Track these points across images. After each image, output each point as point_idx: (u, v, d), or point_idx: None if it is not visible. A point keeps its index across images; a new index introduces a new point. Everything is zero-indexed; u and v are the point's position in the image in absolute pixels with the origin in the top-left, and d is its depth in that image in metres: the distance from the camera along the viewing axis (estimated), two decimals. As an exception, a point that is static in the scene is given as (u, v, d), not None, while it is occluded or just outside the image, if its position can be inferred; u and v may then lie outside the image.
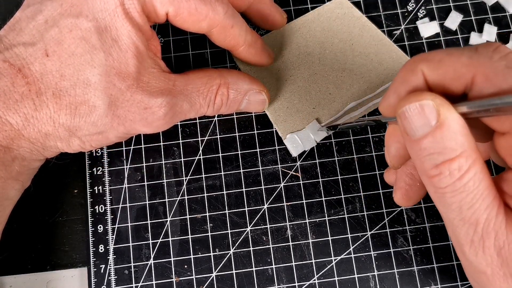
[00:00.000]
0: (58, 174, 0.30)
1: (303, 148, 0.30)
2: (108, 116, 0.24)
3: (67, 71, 0.23)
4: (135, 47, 0.24)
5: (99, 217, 0.29)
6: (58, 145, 0.25)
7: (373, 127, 0.31)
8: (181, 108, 0.26)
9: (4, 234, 0.26)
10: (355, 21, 0.32)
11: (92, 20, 0.23)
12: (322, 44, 0.32)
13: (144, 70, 0.25)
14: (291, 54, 0.32)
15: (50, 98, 0.23)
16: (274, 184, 0.30)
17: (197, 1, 0.24)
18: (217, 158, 0.30)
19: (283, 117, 0.30)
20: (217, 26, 0.26)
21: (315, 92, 0.31)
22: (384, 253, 0.29)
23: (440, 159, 0.18)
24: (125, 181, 0.30)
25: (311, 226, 0.29)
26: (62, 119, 0.23)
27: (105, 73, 0.23)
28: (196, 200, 0.30)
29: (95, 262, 0.29)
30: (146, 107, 0.25)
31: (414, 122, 0.18)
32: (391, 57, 0.31)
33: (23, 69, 0.23)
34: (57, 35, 0.23)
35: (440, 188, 0.18)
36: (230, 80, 0.27)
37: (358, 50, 0.32)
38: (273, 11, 0.31)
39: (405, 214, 0.29)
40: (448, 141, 0.17)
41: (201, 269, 0.28)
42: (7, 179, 0.24)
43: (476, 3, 0.33)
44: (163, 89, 0.25)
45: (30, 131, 0.23)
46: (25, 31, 0.23)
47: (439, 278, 0.28)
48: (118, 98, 0.24)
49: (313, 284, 0.28)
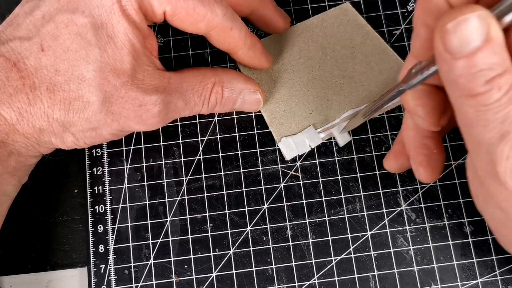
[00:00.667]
0: (58, 174, 0.30)
1: (297, 152, 0.30)
2: (102, 112, 0.24)
3: (62, 66, 0.23)
4: (131, 45, 0.24)
5: (99, 217, 0.29)
6: (53, 141, 0.25)
7: (373, 127, 0.31)
8: (176, 106, 0.26)
9: (4, 234, 0.26)
10: (359, 28, 0.32)
11: (88, 16, 0.23)
12: (324, 50, 0.32)
13: (139, 67, 0.25)
14: (292, 58, 0.32)
15: (44, 93, 0.23)
16: (274, 184, 0.30)
17: (195, 2, 0.24)
18: (217, 158, 0.30)
19: (279, 119, 0.30)
20: (216, 28, 0.26)
21: (313, 97, 0.31)
22: (384, 253, 0.29)
23: (492, 74, 0.17)
24: (125, 181, 0.30)
25: (311, 226, 0.29)
26: (56, 114, 0.23)
27: (100, 69, 0.23)
28: (196, 200, 0.30)
29: (95, 262, 0.29)
30: (141, 104, 0.25)
31: (462, 37, 0.17)
32: (392, 68, 0.31)
33: (18, 63, 0.23)
34: (53, 30, 0.23)
35: (486, 105, 0.17)
36: (225, 79, 0.28)
37: (360, 58, 0.31)
38: (277, 16, 0.30)
39: (405, 214, 0.29)
40: (498, 56, 0.17)
41: (201, 269, 0.28)
42: (4, 174, 0.24)
43: (476, 3, 0.33)
44: (157, 87, 0.25)
45: (24, 126, 0.23)
46: (22, 26, 0.23)
47: (439, 278, 0.28)
48: (113, 94, 0.24)
49: (313, 284, 0.28)
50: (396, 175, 0.30)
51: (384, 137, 0.30)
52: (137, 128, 0.26)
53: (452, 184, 0.30)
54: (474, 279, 0.28)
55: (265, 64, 0.30)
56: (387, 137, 0.30)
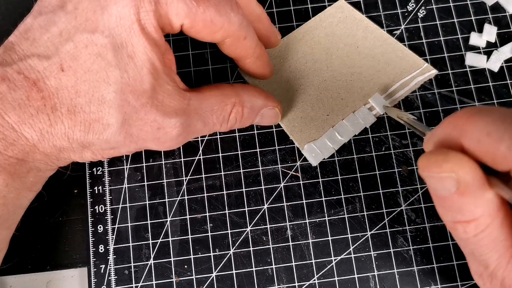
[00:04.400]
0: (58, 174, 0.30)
1: (323, 156, 0.30)
2: (121, 134, 0.24)
3: (83, 87, 0.23)
4: (151, 64, 0.23)
5: (99, 217, 0.29)
6: (71, 157, 0.25)
7: (373, 127, 0.31)
8: (195, 128, 0.26)
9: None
10: (357, 23, 0.32)
11: (108, 37, 0.22)
12: (328, 50, 0.32)
13: (159, 87, 0.24)
14: (299, 63, 0.32)
15: (65, 114, 0.23)
16: (274, 184, 0.30)
17: (212, 13, 0.24)
18: (217, 158, 0.30)
19: (299, 127, 0.30)
20: (231, 37, 0.26)
21: (327, 99, 0.31)
22: (384, 253, 0.29)
23: (458, 217, 0.19)
24: (125, 181, 0.30)
25: (311, 226, 0.29)
26: (76, 135, 0.23)
27: (120, 90, 0.23)
28: (196, 200, 0.30)
29: (95, 262, 0.29)
30: (159, 127, 0.24)
31: (434, 185, 0.19)
32: (398, 56, 0.31)
33: (38, 83, 0.22)
34: (73, 50, 0.22)
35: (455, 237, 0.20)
36: (245, 99, 0.27)
37: (364, 52, 0.32)
38: (270, 32, 0.30)
39: (405, 214, 0.29)
40: (467, 206, 0.18)
41: (201, 269, 0.28)
42: (22, 189, 0.24)
43: (476, 3, 0.33)
44: (177, 109, 0.25)
45: (45, 145, 0.23)
46: (39, 42, 0.23)
47: (439, 278, 0.28)
48: (132, 116, 0.23)
49: (313, 284, 0.28)
50: (396, 175, 0.30)
51: (384, 137, 0.30)
52: (154, 149, 0.26)
53: (452, 184, 0.30)
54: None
55: (267, 74, 0.30)
56: (387, 137, 0.30)
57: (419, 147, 0.30)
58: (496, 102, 0.31)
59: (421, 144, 0.30)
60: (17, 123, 0.22)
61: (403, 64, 0.31)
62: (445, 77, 0.32)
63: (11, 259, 0.29)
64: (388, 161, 0.30)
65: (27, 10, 0.24)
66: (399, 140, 0.30)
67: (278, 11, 0.33)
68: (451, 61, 0.32)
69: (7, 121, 0.22)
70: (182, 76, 0.27)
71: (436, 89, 0.31)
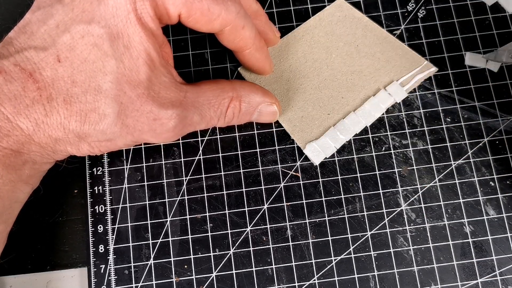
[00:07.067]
0: (58, 174, 0.30)
1: (324, 155, 0.30)
2: (117, 125, 0.24)
3: (79, 77, 0.23)
4: (147, 54, 0.23)
5: (99, 217, 0.29)
6: (68, 149, 0.25)
7: (373, 127, 0.31)
8: (191, 120, 0.26)
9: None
10: (357, 22, 0.32)
11: (105, 27, 0.23)
12: (328, 49, 0.32)
13: (156, 78, 0.24)
14: (299, 63, 0.32)
15: (60, 104, 0.23)
16: (274, 184, 0.30)
17: (209, 1, 0.24)
18: (217, 158, 0.30)
19: (299, 126, 0.30)
20: (229, 26, 0.26)
21: (328, 98, 0.31)
22: (384, 253, 0.29)
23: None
24: (125, 181, 0.30)
25: (311, 226, 0.29)
26: (72, 126, 0.23)
27: (116, 80, 0.23)
28: (196, 200, 0.30)
29: (95, 262, 0.29)
30: (156, 118, 0.24)
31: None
32: (398, 54, 0.31)
33: (34, 74, 0.22)
34: (69, 41, 0.23)
35: None
36: (243, 93, 0.27)
37: (364, 50, 0.32)
38: (267, 29, 0.30)
39: (405, 214, 0.29)
40: None
41: (201, 269, 0.28)
42: (17, 182, 0.24)
43: (476, 3, 0.33)
44: (173, 101, 0.25)
45: (41, 136, 0.23)
46: (36, 35, 0.23)
47: (439, 278, 0.28)
48: (128, 107, 0.24)
49: (313, 284, 0.28)
50: (396, 175, 0.30)
51: (384, 137, 0.30)
52: (152, 141, 0.26)
53: (452, 184, 0.30)
54: (474, 279, 0.28)
55: (267, 69, 0.30)
56: (387, 137, 0.30)
57: (419, 147, 0.30)
58: (496, 102, 0.31)
59: (421, 144, 0.30)
60: (12, 114, 0.22)
61: (403, 62, 0.31)
62: (445, 77, 0.32)
63: (9, 254, 0.29)
64: (388, 161, 0.30)
65: (27, 9, 0.24)
66: (399, 140, 0.30)
67: (278, 11, 0.33)
68: (451, 61, 0.32)
69: (2, 112, 0.22)
70: (182, 76, 0.27)
71: (436, 89, 0.31)
